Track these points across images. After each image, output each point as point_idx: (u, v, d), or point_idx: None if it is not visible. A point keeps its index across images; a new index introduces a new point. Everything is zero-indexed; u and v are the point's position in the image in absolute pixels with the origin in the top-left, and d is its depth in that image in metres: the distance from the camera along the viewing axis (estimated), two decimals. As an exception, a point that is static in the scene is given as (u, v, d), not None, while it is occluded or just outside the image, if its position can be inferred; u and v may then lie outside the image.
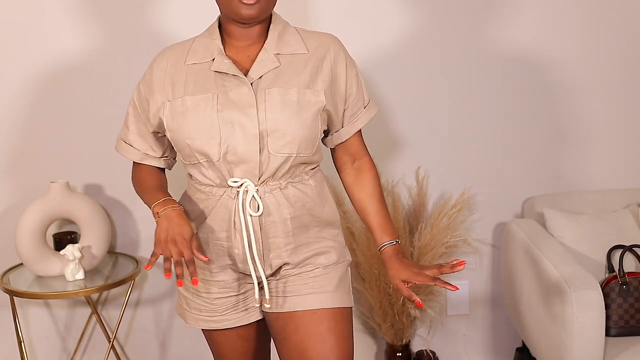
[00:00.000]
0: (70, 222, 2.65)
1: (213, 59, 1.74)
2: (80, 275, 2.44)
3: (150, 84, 1.79)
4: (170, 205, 1.74)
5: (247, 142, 1.69)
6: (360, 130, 1.88)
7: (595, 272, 2.51)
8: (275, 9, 1.80)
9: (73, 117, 2.62)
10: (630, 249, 2.51)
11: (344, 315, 1.81)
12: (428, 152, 2.78)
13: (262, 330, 1.92)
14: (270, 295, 1.81)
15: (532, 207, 2.76)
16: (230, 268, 1.82)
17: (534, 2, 2.71)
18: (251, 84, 1.71)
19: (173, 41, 1.89)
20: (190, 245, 1.66)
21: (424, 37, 2.70)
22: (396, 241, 1.83)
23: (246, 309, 1.86)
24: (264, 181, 1.73)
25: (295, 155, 1.72)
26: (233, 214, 1.74)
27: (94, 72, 2.60)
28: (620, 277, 2.44)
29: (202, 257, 1.66)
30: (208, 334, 1.94)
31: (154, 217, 1.74)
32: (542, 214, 2.66)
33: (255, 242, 1.75)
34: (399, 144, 2.77)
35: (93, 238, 2.50)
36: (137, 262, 2.57)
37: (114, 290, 2.70)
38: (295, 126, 1.70)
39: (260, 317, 1.88)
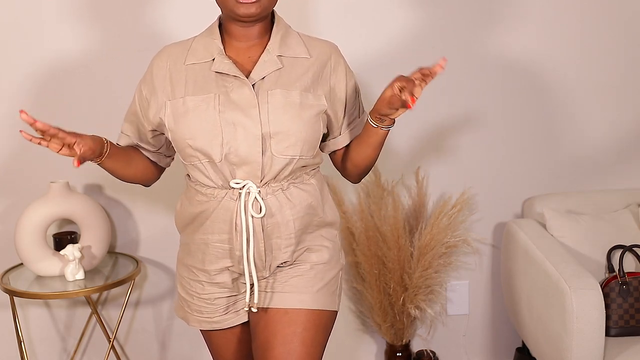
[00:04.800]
0: (70, 222, 2.65)
1: (213, 59, 1.73)
2: (80, 275, 2.44)
3: (152, 83, 1.78)
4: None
5: (249, 143, 1.68)
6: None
7: (595, 272, 2.51)
8: (276, 9, 1.79)
9: (73, 117, 2.62)
10: (630, 249, 2.51)
11: (318, 319, 1.78)
12: (428, 152, 2.78)
13: None
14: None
15: (532, 207, 2.76)
16: (228, 269, 1.81)
17: (533, 6, 2.71)
18: (253, 85, 1.70)
19: (173, 41, 1.88)
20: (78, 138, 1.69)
21: (425, 37, 2.70)
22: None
23: (236, 311, 1.86)
24: (266, 183, 1.72)
25: (298, 157, 1.71)
26: (235, 215, 1.73)
27: (94, 72, 2.60)
28: (620, 277, 2.44)
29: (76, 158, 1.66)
30: (207, 335, 1.93)
31: None
32: (542, 214, 2.65)
33: (256, 244, 1.74)
34: (399, 144, 2.77)
35: (93, 238, 2.50)
36: (137, 262, 2.57)
37: (114, 290, 2.69)
38: (298, 128, 1.69)
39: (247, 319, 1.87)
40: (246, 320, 1.87)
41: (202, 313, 1.86)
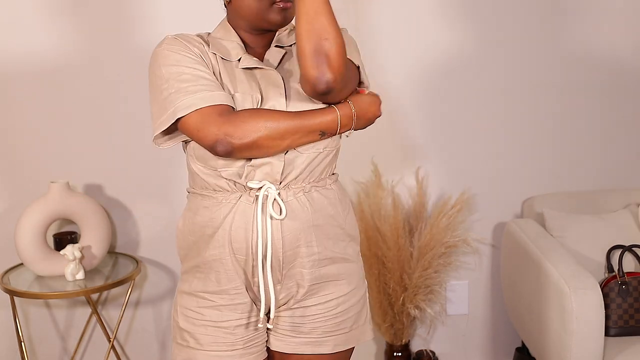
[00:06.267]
0: (70, 222, 2.65)
1: (239, 59, 1.59)
2: (80, 275, 2.44)
3: (195, 53, 1.57)
4: None
5: None
6: None
7: (595, 272, 2.51)
8: None
9: (73, 117, 2.62)
10: (629, 249, 2.51)
11: (350, 353, 1.73)
12: (428, 152, 2.78)
13: None
14: (278, 329, 1.67)
15: (532, 207, 2.76)
16: (247, 289, 1.62)
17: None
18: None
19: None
20: None
21: (422, 39, 2.70)
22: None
23: (256, 346, 1.67)
24: (286, 184, 1.58)
25: (322, 149, 1.59)
26: (252, 219, 1.56)
27: (94, 72, 2.60)
28: (619, 277, 2.44)
29: None
30: None
31: None
32: (542, 214, 2.66)
33: (274, 253, 1.57)
34: (399, 144, 2.77)
35: (93, 238, 2.50)
36: (137, 262, 2.57)
37: (114, 290, 2.70)
38: None
39: (266, 356, 1.70)
40: (265, 357, 1.70)
41: (220, 345, 1.62)
